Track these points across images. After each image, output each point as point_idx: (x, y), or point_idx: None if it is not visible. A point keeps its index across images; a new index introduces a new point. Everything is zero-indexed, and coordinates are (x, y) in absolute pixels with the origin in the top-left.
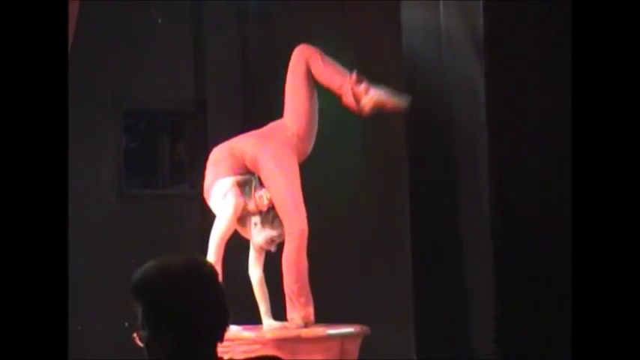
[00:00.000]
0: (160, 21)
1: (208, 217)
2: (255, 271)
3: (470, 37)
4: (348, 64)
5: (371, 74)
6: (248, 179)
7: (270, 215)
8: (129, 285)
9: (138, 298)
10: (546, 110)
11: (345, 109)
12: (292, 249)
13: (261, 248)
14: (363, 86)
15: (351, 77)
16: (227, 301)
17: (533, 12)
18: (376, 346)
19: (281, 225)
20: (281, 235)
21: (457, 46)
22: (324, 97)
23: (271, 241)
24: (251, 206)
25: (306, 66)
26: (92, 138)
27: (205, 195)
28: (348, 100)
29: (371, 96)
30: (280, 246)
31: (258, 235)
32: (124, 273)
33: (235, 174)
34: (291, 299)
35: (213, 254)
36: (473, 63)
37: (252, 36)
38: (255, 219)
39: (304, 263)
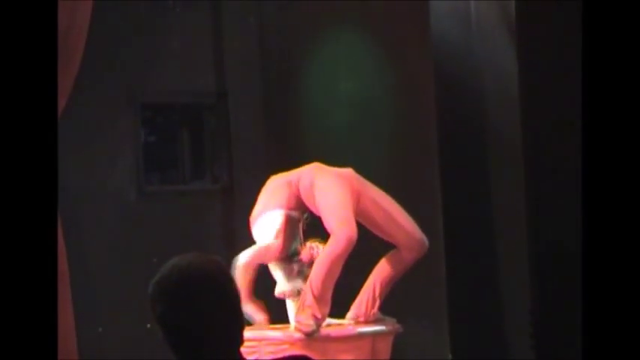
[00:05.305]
0: (178, 10)
1: (231, 213)
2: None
3: (501, 20)
4: (374, 49)
5: (399, 59)
6: (298, 217)
7: (308, 268)
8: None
9: (155, 303)
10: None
11: (374, 100)
12: (333, 252)
13: (280, 293)
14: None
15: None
16: (240, 302)
17: None
18: (409, 345)
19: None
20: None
21: (488, 29)
22: (351, 84)
23: (290, 293)
24: (304, 255)
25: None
26: (109, 133)
27: (251, 221)
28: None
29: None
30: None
31: (292, 282)
32: (145, 272)
33: (287, 207)
34: (307, 299)
35: (241, 275)
36: (504, 47)
37: (273, 24)
38: (299, 266)
39: (338, 270)
